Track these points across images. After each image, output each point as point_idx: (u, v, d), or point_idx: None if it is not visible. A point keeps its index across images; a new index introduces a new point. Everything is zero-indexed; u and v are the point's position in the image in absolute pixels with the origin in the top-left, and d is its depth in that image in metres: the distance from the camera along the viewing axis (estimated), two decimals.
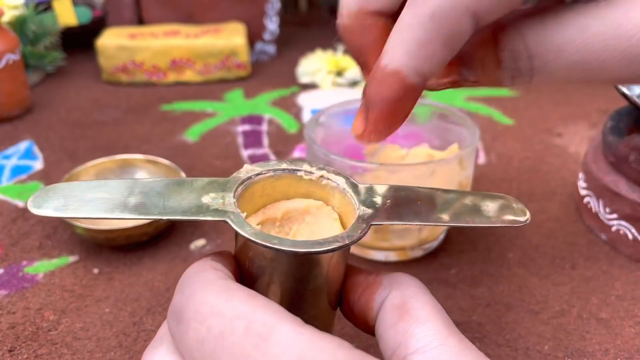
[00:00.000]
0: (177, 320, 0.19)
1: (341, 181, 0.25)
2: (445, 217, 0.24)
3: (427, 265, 0.41)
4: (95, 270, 0.40)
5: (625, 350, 0.34)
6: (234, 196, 0.23)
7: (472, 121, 0.41)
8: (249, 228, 0.21)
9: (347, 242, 0.21)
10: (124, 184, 0.22)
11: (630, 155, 0.39)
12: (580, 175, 0.46)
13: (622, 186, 0.40)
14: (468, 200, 0.25)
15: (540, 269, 0.40)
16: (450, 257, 0.41)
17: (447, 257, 0.42)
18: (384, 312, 0.22)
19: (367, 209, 0.23)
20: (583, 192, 0.45)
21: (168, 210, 0.21)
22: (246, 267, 0.23)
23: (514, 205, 0.25)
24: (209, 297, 0.19)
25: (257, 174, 0.24)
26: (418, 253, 0.41)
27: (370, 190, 0.24)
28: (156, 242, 0.43)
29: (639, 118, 0.43)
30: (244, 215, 0.22)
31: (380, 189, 0.24)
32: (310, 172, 0.25)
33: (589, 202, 0.44)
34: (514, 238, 0.43)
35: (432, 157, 0.40)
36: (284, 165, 0.25)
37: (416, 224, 0.23)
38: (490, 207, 0.25)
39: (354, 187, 0.24)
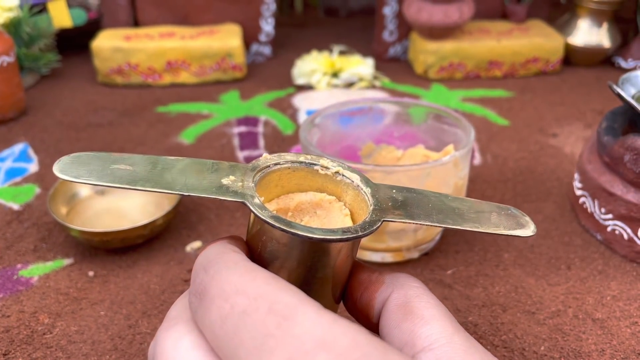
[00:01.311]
0: (200, 298, 0.19)
1: (356, 178, 0.25)
2: (453, 220, 0.24)
3: (423, 266, 0.41)
4: (91, 273, 0.40)
5: (621, 350, 0.34)
6: (253, 181, 0.23)
7: (467, 122, 0.41)
8: (267, 211, 0.21)
9: (360, 234, 0.22)
10: (148, 159, 0.23)
11: (625, 155, 0.40)
12: (576, 175, 0.46)
13: (617, 186, 0.40)
14: (476, 208, 0.25)
15: (536, 270, 0.40)
16: (446, 258, 0.41)
17: (443, 258, 0.42)
18: (388, 312, 0.23)
19: (380, 205, 0.24)
20: (578, 192, 0.45)
21: (190, 187, 0.22)
22: (258, 252, 0.23)
23: (521, 217, 0.26)
24: (234, 276, 0.19)
25: (276, 164, 0.25)
26: (414, 254, 0.41)
27: (384, 189, 0.25)
28: (151, 244, 0.43)
29: (634, 118, 0.43)
30: (261, 199, 0.22)
31: (393, 189, 0.25)
32: (327, 168, 0.25)
33: (584, 202, 0.44)
34: (510, 238, 0.43)
35: (428, 158, 0.40)
36: (302, 159, 0.25)
37: (426, 224, 0.24)
38: (497, 216, 0.25)
39: (368, 184, 0.25)
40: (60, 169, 0.21)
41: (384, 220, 0.23)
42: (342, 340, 0.17)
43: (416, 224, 0.24)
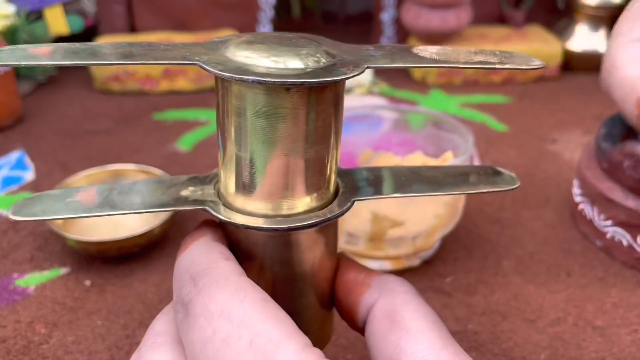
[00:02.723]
0: (186, 310, 0.19)
1: None
2: (431, 189, 0.24)
3: (422, 274, 0.40)
4: (87, 283, 0.40)
5: (622, 358, 0.34)
6: (214, 188, 0.23)
7: (466, 128, 0.41)
8: (226, 214, 0.21)
9: (328, 217, 0.21)
10: (104, 187, 0.23)
11: (624, 162, 0.39)
12: (575, 182, 0.46)
13: (617, 193, 0.40)
14: (453, 173, 0.25)
15: (535, 277, 0.40)
16: (446, 266, 0.41)
17: (442, 265, 0.41)
18: (374, 320, 0.21)
19: (348, 187, 0.23)
20: (578, 198, 0.45)
21: (147, 205, 0.21)
22: (233, 251, 0.23)
23: (502, 172, 0.25)
24: (222, 295, 0.18)
25: None
26: (413, 262, 0.41)
27: (355, 172, 0.24)
28: (148, 253, 0.43)
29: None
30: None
31: (364, 170, 0.25)
32: None
33: (583, 209, 0.44)
34: (509, 245, 0.43)
35: (426, 165, 0.40)
36: None
37: (402, 196, 0.23)
38: (475, 176, 0.25)
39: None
40: (13, 211, 0.21)
41: (355, 200, 0.22)
42: None
43: (391, 197, 0.23)
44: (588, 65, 0.77)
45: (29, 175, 0.53)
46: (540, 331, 0.36)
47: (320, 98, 0.20)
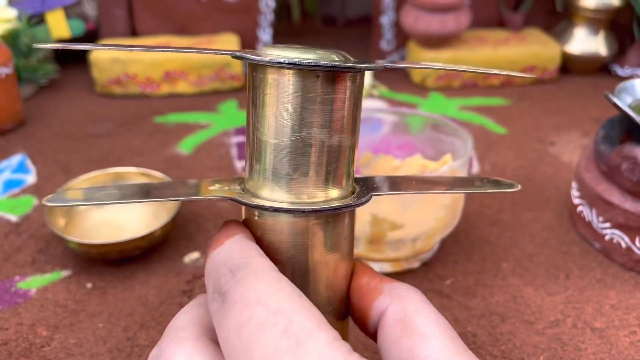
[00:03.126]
0: (222, 300, 0.19)
1: None
2: (439, 188, 0.26)
3: (422, 276, 0.41)
4: (89, 285, 0.40)
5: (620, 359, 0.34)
6: (239, 185, 0.24)
7: (465, 131, 0.41)
8: (254, 201, 0.22)
9: (349, 203, 0.22)
10: (138, 184, 0.24)
11: (622, 164, 0.40)
12: (574, 184, 0.46)
13: (615, 195, 0.41)
14: (459, 181, 0.28)
15: (534, 279, 0.40)
16: (445, 268, 0.41)
17: (441, 268, 0.42)
18: (387, 326, 0.22)
19: (366, 188, 0.25)
20: (576, 201, 0.45)
21: (177, 195, 0.23)
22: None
23: (502, 181, 0.28)
24: (260, 285, 0.19)
25: None
26: (413, 264, 0.41)
27: (368, 178, 0.26)
28: (150, 256, 0.43)
29: (631, 127, 0.43)
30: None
31: (375, 177, 0.26)
32: None
33: (582, 211, 0.44)
34: (508, 248, 0.44)
35: (426, 167, 0.40)
36: None
37: (415, 193, 0.25)
38: (480, 182, 0.27)
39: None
40: (49, 200, 0.22)
41: (372, 195, 0.24)
42: None
43: (405, 193, 0.25)
44: (587, 67, 0.77)
45: (31, 178, 0.53)
46: (539, 333, 0.36)
47: (346, 87, 0.22)
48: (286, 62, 0.20)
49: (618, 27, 0.78)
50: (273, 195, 0.22)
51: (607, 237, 0.42)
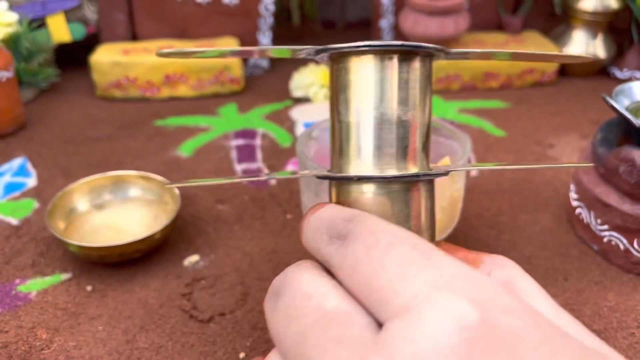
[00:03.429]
0: (343, 239, 0.20)
1: None
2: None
3: None
4: (89, 288, 0.40)
5: None
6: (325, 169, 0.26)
7: (463, 134, 0.41)
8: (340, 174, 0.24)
9: (430, 172, 0.24)
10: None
11: (620, 166, 0.40)
12: (572, 186, 0.46)
13: (613, 197, 0.41)
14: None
15: None
16: None
17: None
18: None
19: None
20: (574, 203, 0.45)
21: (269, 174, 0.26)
22: None
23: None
24: (380, 223, 0.20)
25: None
26: None
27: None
28: (149, 258, 0.43)
29: (629, 130, 0.43)
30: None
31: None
32: None
33: (580, 213, 0.44)
34: (507, 250, 0.44)
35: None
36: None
37: (493, 168, 0.27)
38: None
39: None
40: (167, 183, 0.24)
41: (450, 171, 0.25)
42: (478, 277, 0.18)
43: (484, 168, 0.27)
44: (585, 70, 0.78)
45: (31, 181, 0.54)
46: None
47: (416, 67, 0.24)
48: (365, 44, 0.22)
49: (616, 30, 0.78)
50: (355, 170, 0.24)
51: (605, 239, 0.42)
